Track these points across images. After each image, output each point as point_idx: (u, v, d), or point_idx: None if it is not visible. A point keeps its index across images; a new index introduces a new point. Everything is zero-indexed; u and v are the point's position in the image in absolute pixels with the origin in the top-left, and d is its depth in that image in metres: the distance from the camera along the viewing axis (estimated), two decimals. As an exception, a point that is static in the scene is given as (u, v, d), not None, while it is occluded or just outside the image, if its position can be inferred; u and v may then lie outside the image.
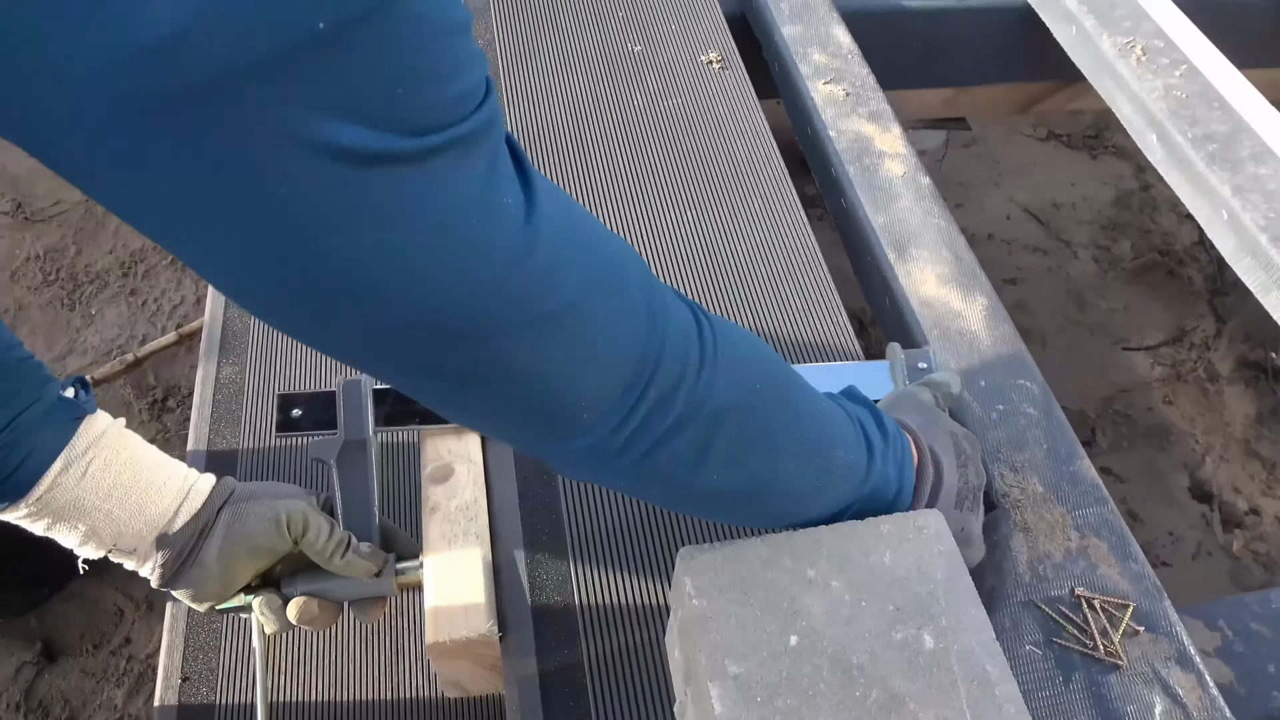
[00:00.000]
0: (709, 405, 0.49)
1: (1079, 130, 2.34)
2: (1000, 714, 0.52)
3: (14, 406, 0.59)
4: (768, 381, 0.54)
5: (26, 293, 1.92)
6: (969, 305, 0.99)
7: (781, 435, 0.55)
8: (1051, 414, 0.89)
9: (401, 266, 0.36)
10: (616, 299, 0.45)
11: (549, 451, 0.49)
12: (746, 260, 1.02)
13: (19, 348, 0.62)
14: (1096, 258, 2.05)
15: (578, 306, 0.43)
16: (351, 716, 0.85)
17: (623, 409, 0.46)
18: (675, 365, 0.47)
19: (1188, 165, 1.20)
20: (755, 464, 0.54)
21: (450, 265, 0.37)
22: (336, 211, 0.33)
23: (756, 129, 1.17)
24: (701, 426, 0.49)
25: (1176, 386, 1.81)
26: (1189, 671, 0.73)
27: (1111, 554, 0.79)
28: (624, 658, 0.70)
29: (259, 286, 0.37)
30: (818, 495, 0.59)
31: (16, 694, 1.33)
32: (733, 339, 0.52)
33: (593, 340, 0.44)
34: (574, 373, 0.44)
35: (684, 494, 0.54)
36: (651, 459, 0.49)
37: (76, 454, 0.60)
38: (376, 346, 0.40)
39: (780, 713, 0.51)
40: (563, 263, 0.42)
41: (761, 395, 0.53)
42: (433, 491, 0.78)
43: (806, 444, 0.57)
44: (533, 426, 0.47)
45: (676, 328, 0.48)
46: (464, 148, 0.36)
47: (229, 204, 0.32)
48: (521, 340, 0.41)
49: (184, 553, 0.64)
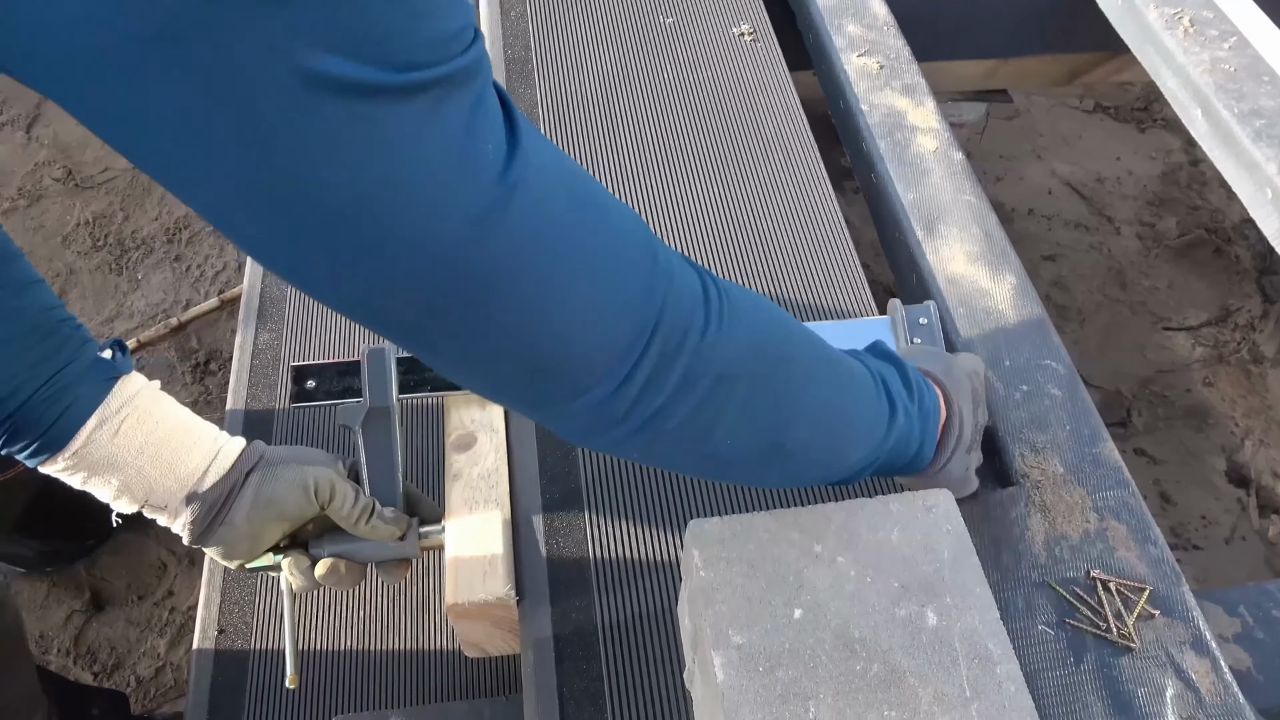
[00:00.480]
0: (715, 367, 0.49)
1: (1127, 102, 2.27)
2: (1000, 692, 0.53)
3: (54, 364, 0.62)
4: (781, 345, 0.54)
5: (77, 257, 1.98)
6: (997, 284, 0.98)
7: (796, 398, 0.54)
8: (1076, 395, 0.89)
9: (382, 204, 0.37)
10: (613, 255, 0.45)
11: (554, 414, 0.49)
12: (772, 234, 1.02)
13: (60, 308, 0.64)
14: (1140, 234, 2.01)
15: (568, 258, 0.43)
16: (377, 674, 0.89)
17: (624, 366, 0.46)
18: (678, 325, 0.47)
19: (1233, 141, 1.17)
20: (768, 428, 0.54)
21: (429, 206, 0.38)
22: (323, 143, 0.34)
23: (787, 103, 1.16)
24: (709, 389, 0.49)
25: (1218, 368, 1.78)
26: (1204, 656, 0.72)
27: (1130, 537, 0.79)
28: (637, 624, 0.71)
29: (251, 222, 0.38)
30: (835, 456, 0.59)
31: (67, 640, 1.39)
32: (743, 303, 0.52)
33: (587, 294, 0.44)
34: (572, 328, 0.44)
35: (696, 458, 0.54)
36: (659, 423, 0.49)
37: (111, 411, 0.63)
38: (365, 291, 0.40)
39: (781, 683, 0.53)
40: (549, 214, 0.42)
41: (774, 359, 0.53)
42: (455, 459, 0.80)
43: (823, 406, 0.56)
44: (533, 385, 0.47)
45: (680, 287, 0.48)
46: (448, 87, 0.37)
47: (222, 135, 0.34)
48: (510, 289, 0.42)
49: (212, 511, 0.67)
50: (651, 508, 0.78)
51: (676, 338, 0.47)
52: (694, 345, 0.48)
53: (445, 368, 0.48)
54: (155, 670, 1.37)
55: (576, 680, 0.69)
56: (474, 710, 0.75)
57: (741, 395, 0.51)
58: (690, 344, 0.47)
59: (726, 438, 0.52)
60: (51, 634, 1.40)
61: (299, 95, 0.33)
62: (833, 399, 0.57)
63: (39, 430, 0.61)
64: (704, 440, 0.51)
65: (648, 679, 0.68)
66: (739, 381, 0.51)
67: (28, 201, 2.07)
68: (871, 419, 0.59)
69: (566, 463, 0.81)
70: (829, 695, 0.52)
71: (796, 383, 0.54)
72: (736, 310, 0.50)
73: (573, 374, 0.46)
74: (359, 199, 0.36)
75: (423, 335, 0.44)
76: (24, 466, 0.64)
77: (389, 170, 0.36)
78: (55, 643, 1.39)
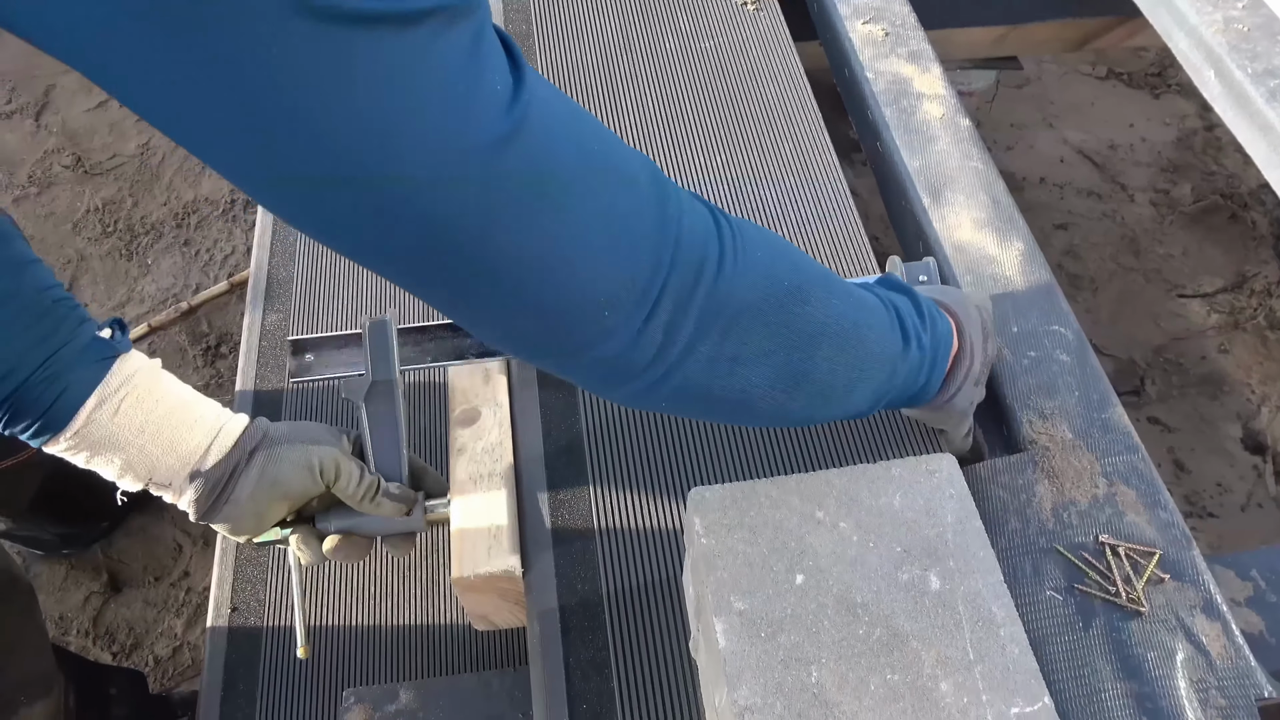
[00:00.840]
0: (735, 302, 0.48)
1: (1141, 68, 2.24)
2: (1004, 654, 0.53)
3: (51, 345, 0.62)
4: (795, 275, 0.53)
5: (87, 244, 1.99)
6: (1004, 250, 0.97)
7: (815, 327, 0.54)
8: (1085, 361, 0.88)
9: (387, 135, 0.36)
10: (621, 190, 0.45)
11: (577, 365, 0.48)
12: (776, 205, 1.01)
13: (57, 288, 0.64)
14: (1154, 201, 1.98)
15: (577, 192, 0.42)
16: (386, 649, 0.89)
17: (645, 304, 0.45)
18: (693, 259, 0.47)
19: (1247, 102, 1.14)
20: (791, 361, 0.53)
21: (436, 137, 0.37)
22: (322, 73, 0.34)
23: (791, 72, 1.15)
24: (730, 324, 0.49)
25: (1234, 335, 1.76)
26: (1214, 620, 0.72)
27: (1140, 501, 0.78)
28: (642, 594, 0.71)
29: (252, 161, 0.37)
30: (855, 385, 0.59)
31: (86, 621, 1.41)
32: (754, 236, 0.51)
33: (600, 230, 0.43)
34: (587, 265, 0.43)
35: (721, 402, 0.53)
36: (684, 366, 0.48)
37: (110, 391, 0.63)
38: (373, 231, 0.40)
39: (784, 648, 0.53)
40: (556, 150, 0.41)
41: (790, 289, 0.52)
42: (460, 434, 0.80)
43: (841, 334, 0.56)
44: (554, 330, 0.46)
45: (692, 222, 0.47)
46: (447, 17, 0.36)
47: (223, 72, 0.33)
48: (520, 224, 0.41)
49: (216, 489, 0.67)
50: (656, 478, 0.78)
51: (693, 273, 0.46)
52: (710, 279, 0.47)
53: (462, 315, 0.47)
54: (173, 650, 1.38)
55: (582, 650, 0.69)
56: (482, 682, 0.76)
57: (762, 329, 0.50)
58: (707, 278, 0.47)
59: (751, 375, 0.52)
60: (70, 615, 1.42)
61: (297, 24, 0.33)
62: (850, 326, 0.57)
63: (39, 411, 0.61)
64: (729, 379, 0.51)
65: (653, 648, 0.69)
66: (759, 315, 0.50)
67: (38, 189, 2.08)
68: (888, 346, 0.59)
69: (571, 435, 0.81)
70: (831, 659, 0.52)
71: (815, 313, 0.54)
72: (749, 243, 0.50)
73: (592, 316, 0.45)
74: (364, 131, 0.36)
75: (435, 279, 0.43)
76: (34, 451, 0.64)
77: (392, 101, 0.36)
78: (74, 624, 1.41)
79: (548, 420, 0.82)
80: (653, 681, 0.67)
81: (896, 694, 0.51)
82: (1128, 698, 0.68)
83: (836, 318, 0.56)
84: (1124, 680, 0.69)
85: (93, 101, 2.21)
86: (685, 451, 0.80)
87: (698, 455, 0.80)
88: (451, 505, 0.75)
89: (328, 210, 0.39)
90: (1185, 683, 0.69)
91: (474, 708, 0.74)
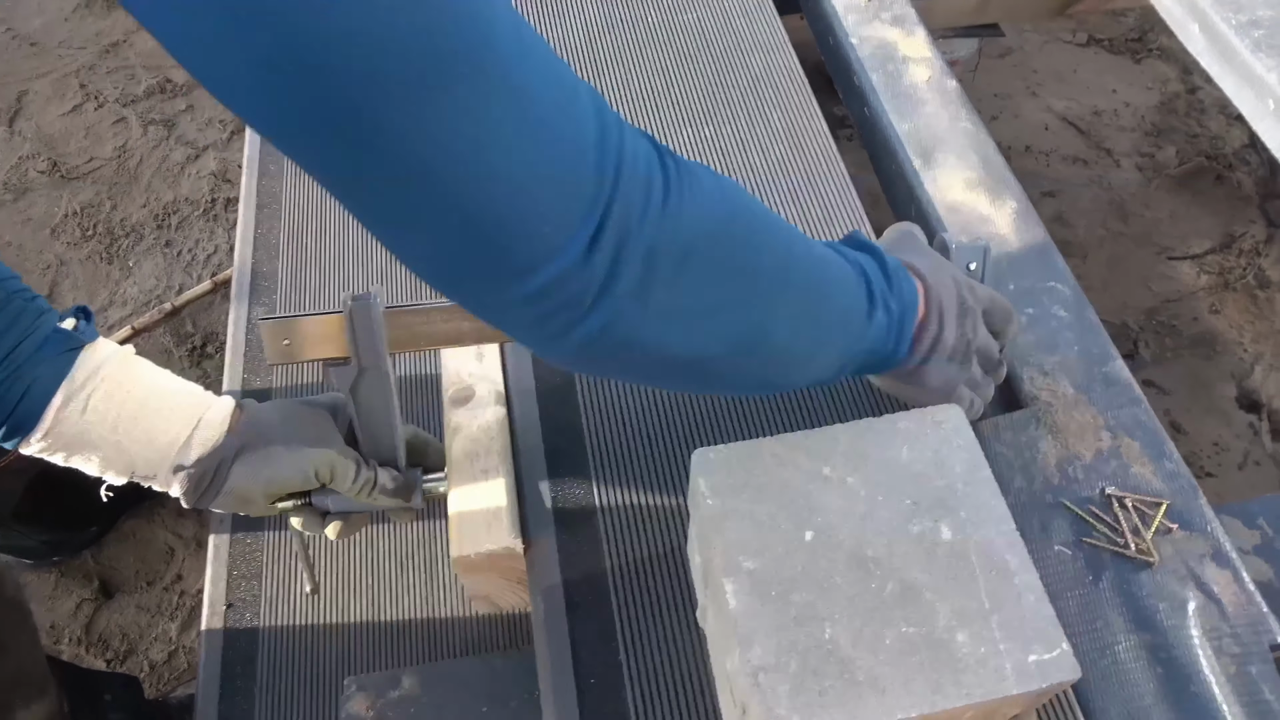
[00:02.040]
0: (683, 237, 0.44)
1: (1121, 34, 2.23)
2: (1020, 603, 0.52)
3: (8, 341, 0.58)
4: (749, 217, 0.49)
5: (67, 248, 1.96)
6: (998, 209, 0.96)
7: (773, 280, 0.50)
8: (1084, 316, 0.87)
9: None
10: (562, 90, 0.40)
11: (516, 299, 0.43)
12: (766, 174, 0.99)
13: (13, 280, 0.61)
14: (1140, 165, 1.98)
15: (515, 78, 0.38)
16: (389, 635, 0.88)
17: (589, 224, 0.41)
18: (638, 178, 0.43)
19: (1232, 54, 1.14)
20: (747, 314, 0.49)
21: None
22: None
23: (775, 41, 1.13)
24: (679, 266, 0.45)
25: (1224, 295, 1.75)
26: (1225, 568, 0.71)
27: (1145, 453, 0.77)
28: (647, 566, 0.70)
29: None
30: (817, 347, 0.55)
31: (77, 629, 1.39)
32: (703, 175, 0.47)
33: (542, 125, 0.39)
34: (526, 163, 0.39)
35: (674, 361, 0.49)
36: (630, 313, 0.44)
37: (76, 385, 0.60)
38: (274, 93, 0.35)
39: (795, 606, 0.51)
40: (497, 30, 0.37)
41: (744, 235, 0.49)
42: (455, 414, 0.78)
43: (803, 291, 0.52)
44: (489, 246, 0.40)
45: (634, 145, 0.43)
46: None
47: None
48: (458, 111, 0.36)
49: (204, 482, 0.65)
50: (656, 449, 0.76)
51: (640, 193, 0.42)
52: (658, 206, 0.43)
53: (371, 219, 0.41)
54: (168, 655, 1.36)
55: (588, 625, 0.68)
56: (486, 664, 0.74)
57: (716, 276, 0.47)
58: (654, 204, 0.43)
59: (703, 329, 0.48)
60: (62, 624, 1.40)
61: None
62: (812, 283, 0.53)
63: (4, 412, 0.58)
64: (683, 336, 0.47)
65: (660, 621, 0.67)
66: (711, 259, 0.46)
67: (13, 195, 2.04)
68: (852, 307, 0.55)
69: (568, 409, 0.79)
70: (845, 615, 0.51)
71: (770, 263, 0.50)
72: (696, 180, 0.46)
73: (533, 228, 0.40)
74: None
75: (340, 163, 0.38)
76: (14, 455, 0.62)
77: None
78: (66, 632, 1.39)
79: (544, 396, 0.80)
80: (661, 653, 0.66)
81: (913, 646, 0.50)
82: (1141, 649, 0.67)
83: (796, 271, 0.52)
84: (1137, 632, 0.68)
85: (66, 106, 2.18)
86: (685, 421, 0.78)
87: (698, 425, 0.78)
88: (450, 486, 0.73)
89: (225, 59, 0.34)
90: (1199, 632, 0.68)
91: (478, 689, 0.72)
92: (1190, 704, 0.65)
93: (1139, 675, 0.66)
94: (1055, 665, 0.50)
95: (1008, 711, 0.54)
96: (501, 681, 0.73)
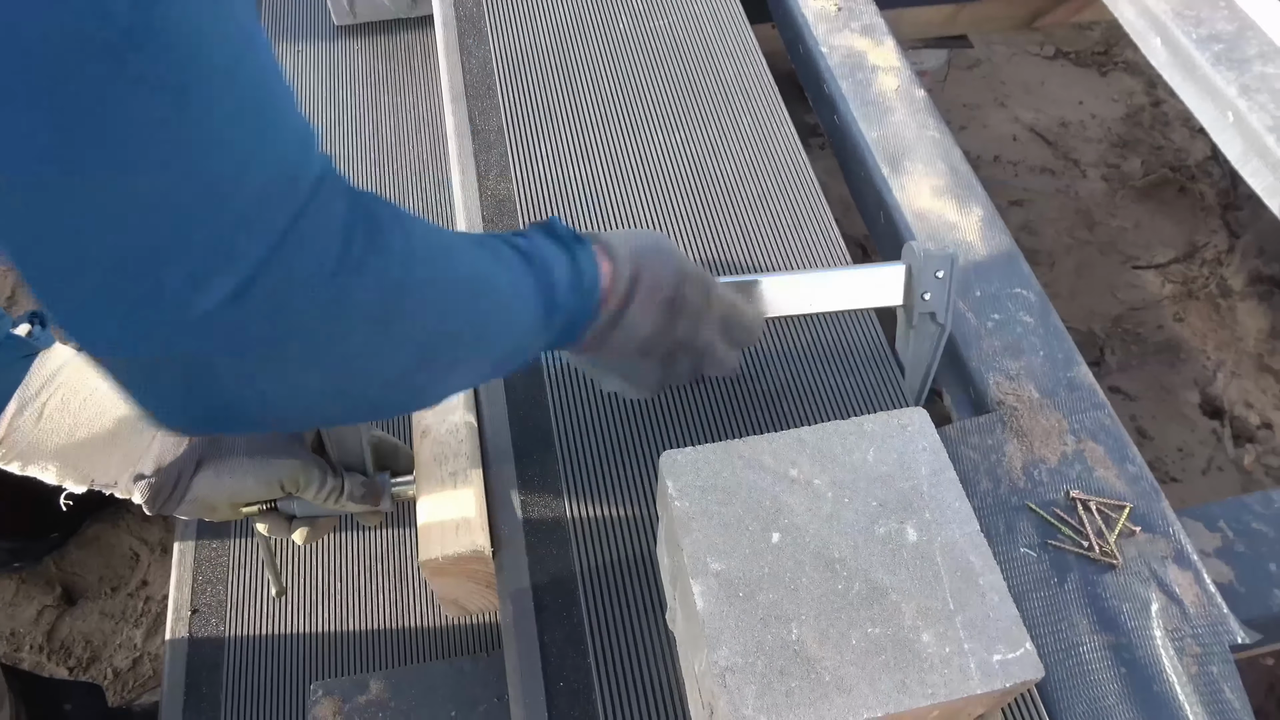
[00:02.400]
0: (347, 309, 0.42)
1: (1087, 47, 2.27)
2: (984, 603, 0.52)
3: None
4: (427, 289, 0.47)
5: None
6: (964, 216, 0.97)
7: (436, 342, 0.48)
8: (1049, 321, 0.88)
9: None
10: (265, 97, 0.37)
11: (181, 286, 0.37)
12: (736, 180, 1.00)
13: None
14: (1106, 176, 2.01)
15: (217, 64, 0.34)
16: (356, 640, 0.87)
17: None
18: (314, 248, 0.39)
19: (1193, 67, 1.16)
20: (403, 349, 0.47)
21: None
22: None
23: (745, 47, 1.14)
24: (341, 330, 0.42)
25: (1188, 303, 1.79)
26: (1186, 569, 0.72)
27: (1108, 456, 0.78)
28: (616, 570, 0.70)
29: None
30: (487, 364, 0.55)
31: (39, 636, 1.36)
32: (394, 243, 0.44)
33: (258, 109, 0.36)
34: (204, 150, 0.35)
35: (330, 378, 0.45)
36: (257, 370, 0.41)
37: (30, 394, 0.58)
38: None
39: (762, 606, 0.51)
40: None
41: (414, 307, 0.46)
42: (423, 416, 0.78)
43: (468, 346, 0.51)
44: (138, 260, 0.36)
45: (335, 186, 0.40)
46: None
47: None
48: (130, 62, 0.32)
49: (164, 492, 0.63)
50: (626, 453, 0.76)
51: (307, 268, 0.39)
52: (325, 281, 0.40)
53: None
54: (133, 661, 1.34)
55: (557, 628, 0.67)
56: (455, 668, 0.74)
57: (378, 344, 0.44)
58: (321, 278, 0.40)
59: (362, 350, 0.44)
60: (22, 631, 1.37)
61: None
62: (483, 340, 0.52)
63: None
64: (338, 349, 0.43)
65: (630, 624, 0.67)
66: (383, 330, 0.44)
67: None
68: (526, 324, 0.54)
69: (538, 412, 0.79)
70: (811, 616, 0.51)
71: (443, 331, 0.48)
72: (386, 251, 0.43)
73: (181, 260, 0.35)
74: None
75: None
76: None
77: None
78: (27, 639, 1.36)
79: (513, 398, 0.80)
80: (631, 657, 0.66)
81: (878, 647, 0.50)
82: (1105, 649, 0.68)
83: (465, 334, 0.50)
84: (1101, 632, 0.69)
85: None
86: (654, 424, 0.78)
87: (667, 427, 0.78)
88: (418, 489, 0.73)
89: None
90: (1161, 632, 0.69)
91: (446, 693, 0.72)
92: (1153, 703, 0.66)
93: (1103, 675, 0.67)
94: (1019, 664, 0.50)
95: (973, 711, 0.54)
96: (470, 685, 0.72)
